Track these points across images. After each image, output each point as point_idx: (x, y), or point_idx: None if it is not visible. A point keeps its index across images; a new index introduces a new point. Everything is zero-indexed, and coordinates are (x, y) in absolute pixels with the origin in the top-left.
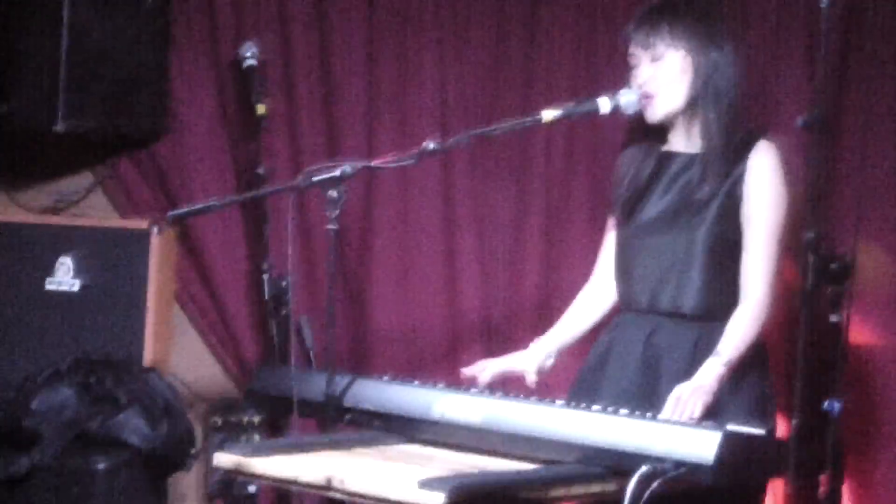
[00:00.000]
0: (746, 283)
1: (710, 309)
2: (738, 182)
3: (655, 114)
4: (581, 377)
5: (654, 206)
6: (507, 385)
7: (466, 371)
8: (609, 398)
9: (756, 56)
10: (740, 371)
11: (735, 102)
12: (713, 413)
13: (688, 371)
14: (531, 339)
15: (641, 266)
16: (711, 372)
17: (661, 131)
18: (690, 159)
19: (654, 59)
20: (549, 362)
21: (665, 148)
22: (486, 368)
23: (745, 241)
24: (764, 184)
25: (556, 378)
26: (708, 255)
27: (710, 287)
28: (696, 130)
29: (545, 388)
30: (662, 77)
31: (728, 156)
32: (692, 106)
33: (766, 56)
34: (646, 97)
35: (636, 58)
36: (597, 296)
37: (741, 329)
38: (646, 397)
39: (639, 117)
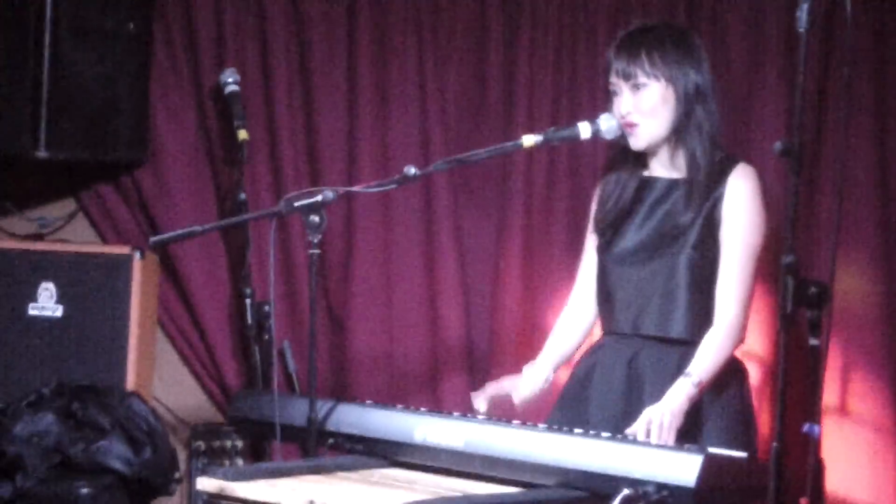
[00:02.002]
0: (720, 305)
1: (695, 332)
2: (716, 205)
3: (639, 142)
4: (563, 401)
5: (636, 233)
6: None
7: (474, 395)
8: (594, 421)
9: (734, 80)
10: (718, 391)
11: (716, 128)
12: (692, 433)
13: None
14: (512, 363)
15: (624, 292)
16: (681, 392)
17: (641, 155)
18: (671, 184)
19: (635, 89)
20: (546, 386)
21: (646, 173)
22: (485, 394)
23: (721, 262)
24: (741, 206)
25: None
26: (690, 280)
27: (694, 311)
28: (679, 156)
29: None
30: (644, 107)
31: (709, 180)
32: (675, 133)
33: (743, 80)
34: (629, 126)
35: (617, 86)
36: (580, 314)
37: (712, 350)
38: (630, 419)
39: (620, 142)
